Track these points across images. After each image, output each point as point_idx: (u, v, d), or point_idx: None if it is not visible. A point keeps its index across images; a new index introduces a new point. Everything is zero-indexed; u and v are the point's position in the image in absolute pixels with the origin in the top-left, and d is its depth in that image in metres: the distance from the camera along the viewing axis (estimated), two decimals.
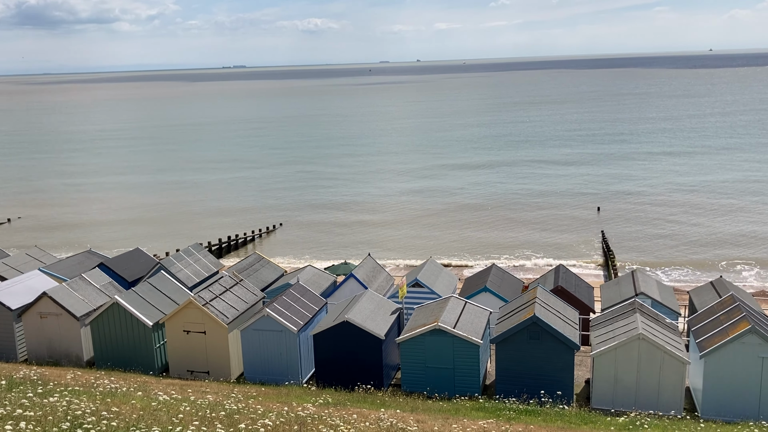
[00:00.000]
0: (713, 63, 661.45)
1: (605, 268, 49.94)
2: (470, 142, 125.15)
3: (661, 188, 79.05)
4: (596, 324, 25.38)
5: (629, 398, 22.33)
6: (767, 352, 21.33)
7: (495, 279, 31.86)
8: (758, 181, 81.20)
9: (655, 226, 62.63)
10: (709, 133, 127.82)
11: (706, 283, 32.47)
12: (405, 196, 78.36)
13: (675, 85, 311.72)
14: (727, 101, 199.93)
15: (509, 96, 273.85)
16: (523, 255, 55.29)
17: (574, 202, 74.05)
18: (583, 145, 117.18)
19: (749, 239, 57.17)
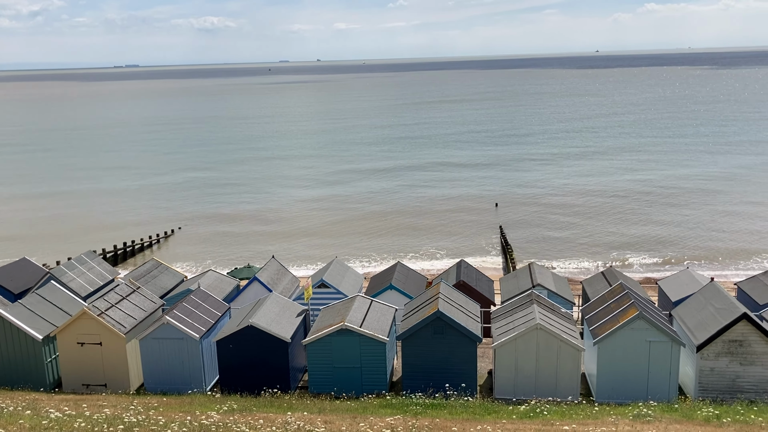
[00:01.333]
0: (600, 63, 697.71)
1: (504, 262, 51.61)
2: (374, 144, 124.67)
3: (555, 185, 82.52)
4: (497, 316, 26.16)
5: (529, 387, 23.16)
6: (653, 336, 22.69)
7: (400, 276, 32.22)
8: (643, 180, 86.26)
9: (550, 220, 65.33)
10: (600, 131, 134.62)
11: (598, 273, 34.21)
12: (309, 203, 75.73)
13: (567, 84, 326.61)
14: (616, 101, 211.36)
15: (411, 96, 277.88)
16: (427, 252, 56.27)
17: (473, 198, 76.09)
18: (482, 144, 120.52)
19: (636, 231, 60.66)
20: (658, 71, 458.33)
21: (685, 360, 23.67)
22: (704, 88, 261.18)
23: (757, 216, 64.41)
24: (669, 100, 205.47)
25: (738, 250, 54.28)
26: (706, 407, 20.04)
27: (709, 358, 22.67)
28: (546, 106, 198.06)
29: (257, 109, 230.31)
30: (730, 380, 22.63)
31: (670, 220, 63.92)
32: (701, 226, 61.62)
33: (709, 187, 77.88)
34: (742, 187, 77.45)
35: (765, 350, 22.36)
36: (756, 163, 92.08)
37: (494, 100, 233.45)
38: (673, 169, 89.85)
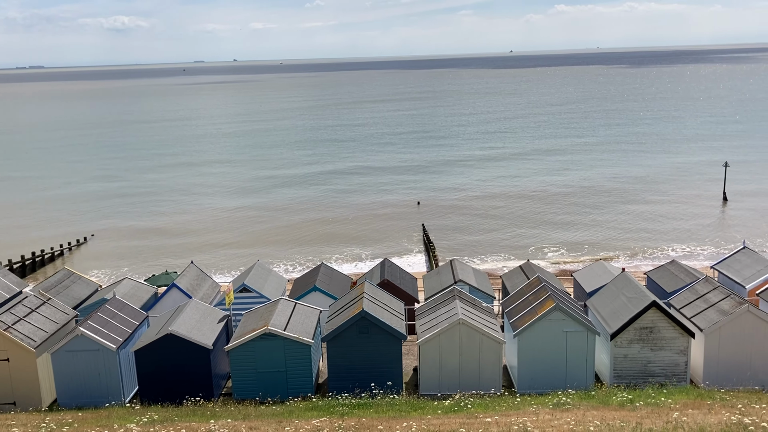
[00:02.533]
0: (514, 64, 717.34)
1: (427, 259, 52.25)
2: (296, 147, 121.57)
3: (476, 184, 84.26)
4: (420, 313, 26.45)
5: (453, 381, 23.53)
6: (570, 326, 23.48)
7: (324, 278, 32.07)
8: (558, 179, 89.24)
9: (471, 218, 66.65)
10: (518, 131, 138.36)
11: (516, 268, 35.12)
12: (228, 212, 71.79)
13: (484, 84, 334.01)
14: (532, 101, 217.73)
15: (331, 97, 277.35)
16: (351, 253, 56.28)
17: (396, 198, 76.69)
18: (405, 146, 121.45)
19: (552, 227, 62.70)
20: (570, 70, 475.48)
21: (600, 348, 24.61)
22: (613, 87, 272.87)
23: (663, 209, 67.79)
24: (581, 99, 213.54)
25: (647, 241, 56.98)
26: (620, 392, 20.90)
27: (623, 346, 23.67)
28: (465, 106, 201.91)
29: (172, 111, 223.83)
30: (642, 365, 23.70)
31: (583, 215, 66.41)
32: (613, 220, 64.32)
33: (620, 184, 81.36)
34: (650, 183, 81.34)
35: (673, 336, 23.54)
36: (662, 161, 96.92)
37: (415, 100, 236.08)
38: (587, 168, 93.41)
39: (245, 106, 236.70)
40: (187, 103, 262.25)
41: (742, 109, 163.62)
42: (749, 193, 72.06)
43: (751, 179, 78.46)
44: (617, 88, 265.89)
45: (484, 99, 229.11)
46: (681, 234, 58.46)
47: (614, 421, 15.55)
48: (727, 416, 15.56)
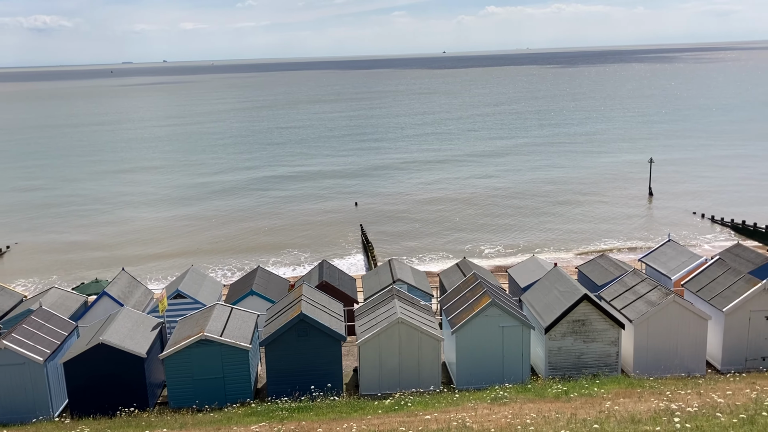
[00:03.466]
0: (448, 64, 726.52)
1: (366, 260, 52.32)
2: (231, 152, 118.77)
3: (412, 184, 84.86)
4: (360, 313, 26.43)
5: (393, 380, 23.62)
6: (506, 321, 23.91)
7: (261, 281, 31.66)
8: (493, 177, 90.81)
9: (408, 217, 67.10)
10: (454, 132, 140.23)
11: (453, 265, 35.52)
12: (162, 222, 68.74)
13: (419, 84, 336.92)
14: (466, 102, 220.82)
15: (265, 98, 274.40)
16: (289, 256, 55.80)
17: (333, 199, 76.50)
18: (341, 145, 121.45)
19: (487, 224, 63.79)
20: (503, 71, 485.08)
21: (535, 342, 25.16)
22: (545, 86, 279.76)
23: (593, 205, 69.94)
24: (515, 99, 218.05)
25: (577, 236, 58.65)
26: (555, 384, 21.42)
27: (556, 339, 24.26)
28: (402, 107, 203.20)
29: (100, 114, 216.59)
30: (575, 357, 24.35)
31: (517, 213, 67.82)
32: (545, 217, 65.92)
33: (552, 182, 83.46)
34: (580, 181, 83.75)
35: (604, 327, 24.27)
36: (591, 159, 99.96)
37: (351, 101, 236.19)
38: (521, 168, 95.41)
39: (177, 108, 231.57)
40: (116, 106, 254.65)
41: (665, 107, 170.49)
42: (673, 188, 75.08)
43: (675, 174, 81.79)
44: (548, 87, 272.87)
45: (419, 99, 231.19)
46: (610, 229, 60.43)
47: (550, 412, 15.91)
48: (656, 403, 16.14)
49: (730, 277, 26.15)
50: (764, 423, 11.56)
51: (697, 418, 12.84)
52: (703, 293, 26.40)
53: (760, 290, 24.47)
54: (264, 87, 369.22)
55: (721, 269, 27.05)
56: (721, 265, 27.62)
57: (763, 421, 11.69)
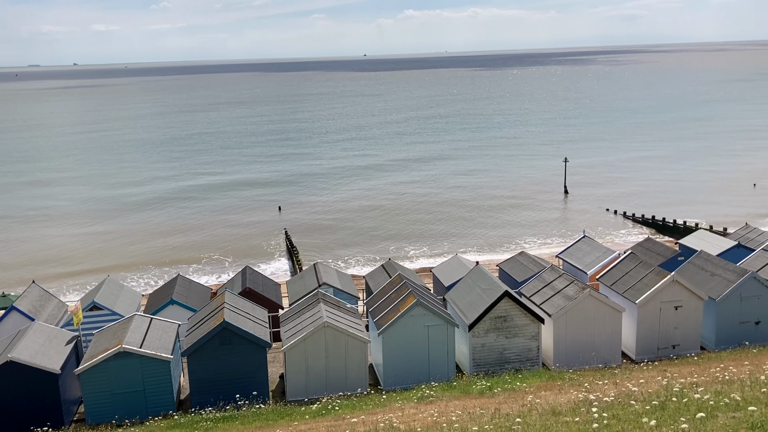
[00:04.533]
0: (369, 67, 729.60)
1: (291, 264, 51.85)
2: (150, 160, 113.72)
3: (336, 187, 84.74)
4: (285, 319, 26.14)
5: (320, 385, 23.47)
6: (431, 320, 24.20)
7: (181, 290, 30.84)
8: (414, 179, 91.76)
9: (332, 221, 66.98)
10: (377, 134, 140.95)
11: (378, 267, 35.67)
12: (75, 238, 64.14)
13: (342, 87, 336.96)
14: (389, 106, 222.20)
15: (183, 101, 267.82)
16: (210, 262, 54.63)
17: (256, 203, 75.46)
18: (263, 150, 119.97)
19: (411, 225, 64.42)
20: (423, 73, 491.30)
21: (459, 339, 25.56)
22: (465, 89, 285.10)
23: (512, 204, 71.78)
24: (436, 102, 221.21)
25: (498, 235, 60.06)
26: (480, 381, 21.83)
27: (480, 335, 24.73)
28: (325, 110, 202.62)
29: (5, 121, 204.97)
30: (498, 353, 24.89)
31: (440, 214, 68.84)
32: (467, 217, 67.18)
33: (473, 183, 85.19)
34: (500, 181, 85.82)
35: (525, 323, 24.92)
36: (510, 159, 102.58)
37: (273, 104, 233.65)
38: (443, 168, 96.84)
39: (90, 114, 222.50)
40: (23, 111, 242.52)
41: (581, 108, 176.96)
42: (587, 186, 78.00)
43: (589, 173, 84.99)
44: (469, 90, 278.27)
45: (343, 102, 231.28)
46: (529, 226, 62.19)
47: (474, 409, 16.19)
48: (575, 395, 16.70)
49: (641, 270, 27.35)
50: (674, 408, 12.13)
51: (613, 407, 13.35)
52: (617, 286, 27.51)
53: (669, 282, 25.70)
54: (182, 90, 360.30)
55: (633, 263, 28.26)
56: (633, 259, 28.86)
57: (673, 407, 12.27)
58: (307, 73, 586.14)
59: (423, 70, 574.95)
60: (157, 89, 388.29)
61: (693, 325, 26.12)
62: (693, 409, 11.45)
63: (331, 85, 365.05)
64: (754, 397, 12.23)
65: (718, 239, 36.02)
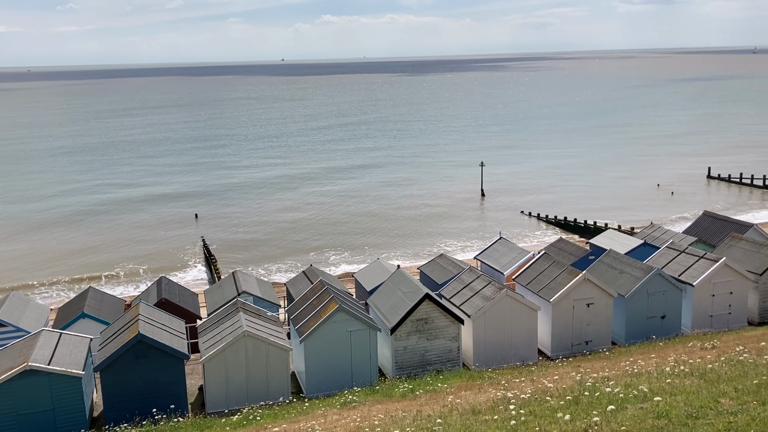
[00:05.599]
0: (287, 71, 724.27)
1: (209, 273, 50.69)
2: (57, 166, 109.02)
3: (255, 194, 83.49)
4: (203, 329, 25.53)
5: (241, 395, 23.03)
6: (353, 326, 24.20)
7: (93, 302, 29.60)
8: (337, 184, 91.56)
9: (250, 228, 65.95)
10: (298, 141, 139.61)
11: (300, 273, 35.39)
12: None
13: (260, 92, 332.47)
14: (309, 113, 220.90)
15: (94, 106, 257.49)
16: (123, 273, 52.71)
17: (172, 212, 73.38)
18: (180, 156, 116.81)
19: (328, 229, 64.24)
20: (342, 78, 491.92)
21: (382, 343, 25.68)
22: (384, 94, 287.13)
23: (432, 208, 72.79)
24: (357, 106, 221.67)
25: (418, 238, 60.75)
26: (402, 384, 21.98)
27: (402, 338, 24.92)
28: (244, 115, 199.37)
29: None
30: (420, 355, 25.15)
31: (360, 219, 68.98)
32: (388, 221, 67.60)
33: (392, 188, 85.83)
34: (419, 186, 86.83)
35: (445, 324, 25.29)
36: (428, 163, 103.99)
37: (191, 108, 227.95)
38: (361, 173, 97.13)
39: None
40: None
41: (496, 113, 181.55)
42: (503, 189, 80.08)
43: (504, 176, 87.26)
44: (389, 95, 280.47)
45: (261, 107, 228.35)
46: (448, 229, 63.23)
47: (397, 412, 16.28)
48: (494, 393, 17.07)
49: (554, 269, 28.29)
50: (587, 402, 12.59)
51: (530, 403, 13.73)
52: (532, 286, 28.34)
53: (581, 280, 26.70)
54: (92, 95, 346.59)
55: (547, 263, 29.20)
56: (547, 258, 29.82)
57: (586, 401, 12.74)
58: (223, 78, 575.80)
59: (342, 75, 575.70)
60: (64, 94, 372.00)
61: (604, 321, 27.22)
62: (604, 402, 11.91)
63: (249, 89, 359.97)
64: (660, 387, 12.84)
65: (626, 238, 37.72)
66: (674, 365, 16.61)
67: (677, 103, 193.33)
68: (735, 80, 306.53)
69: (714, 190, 76.36)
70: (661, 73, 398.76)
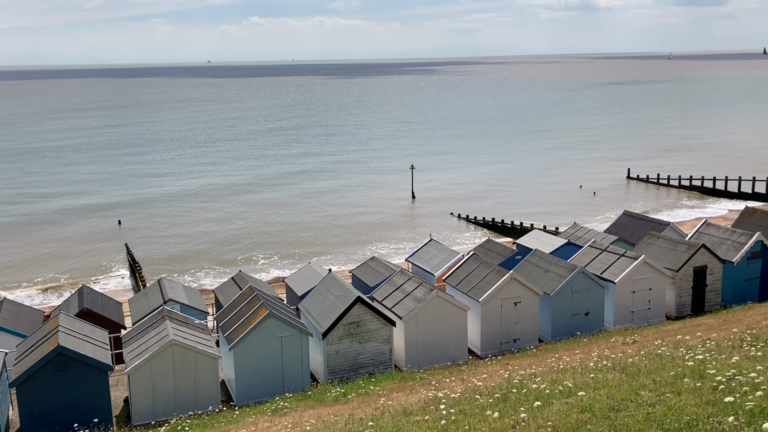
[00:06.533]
0: (213, 74, 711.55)
1: (133, 281, 49.17)
2: None
3: (179, 200, 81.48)
4: (128, 339, 24.73)
5: (169, 405, 22.43)
6: (284, 331, 23.94)
7: (8, 314, 28.21)
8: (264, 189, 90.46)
9: (176, 233, 64.36)
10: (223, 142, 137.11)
11: (229, 279, 34.78)
12: None
13: (186, 94, 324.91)
14: (237, 115, 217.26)
15: (7, 109, 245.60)
16: (42, 283, 50.46)
17: (92, 218, 70.80)
18: (100, 161, 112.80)
19: (261, 235, 63.43)
20: (270, 81, 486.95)
21: (314, 348, 25.50)
22: (314, 96, 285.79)
23: (362, 211, 72.91)
24: (289, 109, 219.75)
25: (350, 241, 60.73)
26: (334, 388, 21.89)
27: (334, 343, 24.82)
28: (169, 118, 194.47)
29: None
30: (352, 359, 25.11)
31: (291, 221, 68.42)
32: (320, 226, 67.28)
33: (323, 192, 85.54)
34: (351, 189, 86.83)
35: (377, 327, 25.35)
36: (360, 166, 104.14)
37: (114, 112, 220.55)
38: (291, 178, 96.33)
39: None
40: None
41: (426, 116, 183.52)
42: (433, 191, 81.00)
43: (435, 179, 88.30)
44: (319, 98, 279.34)
45: (188, 110, 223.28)
46: (380, 232, 63.46)
47: (329, 416, 16.19)
48: (425, 393, 17.20)
49: (483, 269, 28.81)
50: (515, 399, 12.85)
51: (460, 402, 13.90)
52: (461, 286, 28.77)
53: (509, 280, 27.29)
54: (6, 97, 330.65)
55: (476, 263, 29.71)
56: (476, 259, 30.34)
57: (513, 398, 13.00)
58: (148, 80, 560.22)
59: (270, 77, 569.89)
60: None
61: (531, 319, 27.91)
62: (531, 399, 12.19)
63: (175, 92, 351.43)
64: (584, 382, 13.24)
65: (551, 238, 38.79)
66: (597, 360, 17.17)
67: (599, 107, 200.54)
68: (652, 84, 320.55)
69: (633, 190, 79.52)
70: (583, 78, 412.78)
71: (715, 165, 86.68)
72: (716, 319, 25.70)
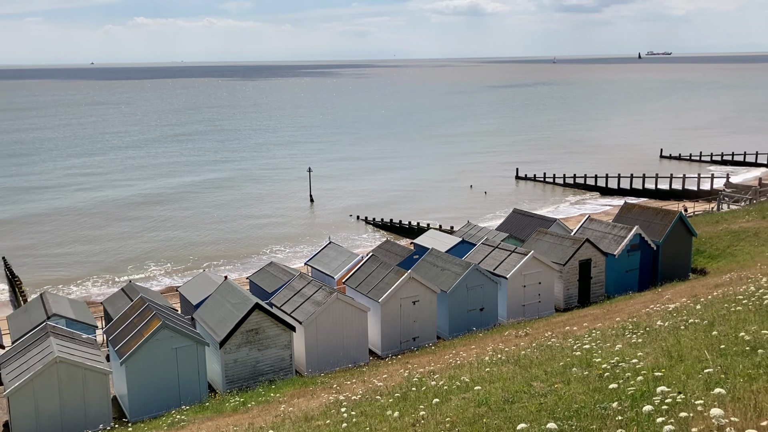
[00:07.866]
0: (97, 76, 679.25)
1: (12, 296, 46.05)
2: None
3: (60, 205, 77.19)
4: (7, 359, 23.10)
5: (55, 427, 21.12)
6: (178, 342, 23.13)
7: None
8: (153, 192, 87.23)
9: (59, 243, 60.89)
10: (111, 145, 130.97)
11: (118, 291, 33.24)
12: None
13: (69, 97, 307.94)
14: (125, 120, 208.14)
15: None
16: None
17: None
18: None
19: (150, 243, 61.09)
20: (158, 83, 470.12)
21: (211, 358, 24.80)
22: (206, 99, 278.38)
23: (259, 215, 71.77)
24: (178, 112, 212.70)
25: (246, 247, 59.59)
26: (233, 398, 21.38)
27: (231, 351, 24.25)
28: (50, 124, 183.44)
29: None
30: (251, 367, 24.62)
31: (182, 227, 66.31)
32: (213, 230, 65.61)
33: (216, 194, 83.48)
34: (245, 192, 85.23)
35: (277, 333, 24.99)
36: (255, 170, 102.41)
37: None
38: (183, 182, 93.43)
39: None
40: None
41: (322, 119, 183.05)
42: (331, 194, 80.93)
43: (332, 180, 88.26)
44: (211, 101, 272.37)
45: (71, 115, 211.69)
46: (277, 237, 62.66)
47: (228, 427, 15.79)
48: (327, 397, 17.12)
49: (382, 270, 29.06)
50: (414, 397, 13.02)
51: (361, 404, 13.91)
52: (361, 288, 28.88)
53: (407, 279, 27.66)
54: None
55: (375, 264, 29.92)
56: (375, 260, 30.56)
57: (413, 396, 13.16)
58: (25, 82, 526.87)
59: (159, 79, 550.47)
60: None
61: (429, 317, 28.44)
62: (430, 396, 12.37)
63: (56, 95, 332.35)
64: (480, 377, 13.60)
65: (446, 237, 39.69)
66: (492, 354, 17.70)
67: (488, 108, 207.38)
68: (537, 87, 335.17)
69: (522, 189, 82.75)
70: (473, 81, 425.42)
71: (597, 163, 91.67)
72: (601, 310, 27.15)
